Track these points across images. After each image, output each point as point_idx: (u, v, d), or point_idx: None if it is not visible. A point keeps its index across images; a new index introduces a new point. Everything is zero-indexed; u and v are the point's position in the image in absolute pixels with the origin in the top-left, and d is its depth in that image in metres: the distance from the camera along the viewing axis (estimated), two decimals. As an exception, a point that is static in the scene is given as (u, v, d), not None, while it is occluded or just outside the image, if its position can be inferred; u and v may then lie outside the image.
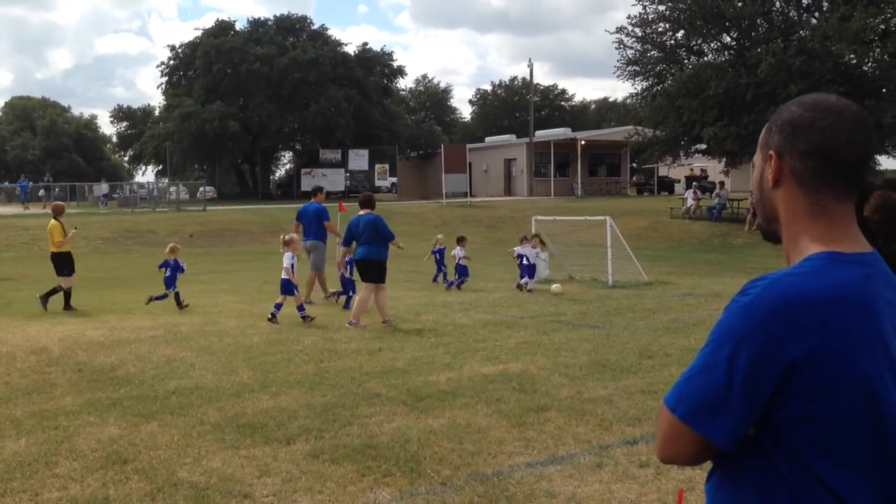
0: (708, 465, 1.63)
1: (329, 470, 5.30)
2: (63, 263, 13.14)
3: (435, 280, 16.60)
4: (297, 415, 6.59)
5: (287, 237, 12.11)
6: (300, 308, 11.58)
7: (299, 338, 10.13)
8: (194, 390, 7.46)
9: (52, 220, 13.31)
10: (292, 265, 11.66)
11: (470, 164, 45.93)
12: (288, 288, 11.57)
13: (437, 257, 16.53)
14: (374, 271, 11.08)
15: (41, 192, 43.44)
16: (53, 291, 13.09)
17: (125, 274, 20.20)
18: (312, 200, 14.73)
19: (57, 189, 44.68)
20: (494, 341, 9.75)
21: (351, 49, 59.36)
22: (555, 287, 14.38)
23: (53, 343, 9.96)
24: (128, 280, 18.57)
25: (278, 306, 11.48)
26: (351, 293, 12.85)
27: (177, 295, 13.11)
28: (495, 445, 5.76)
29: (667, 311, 12.13)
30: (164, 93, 59.79)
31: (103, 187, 44.23)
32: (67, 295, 13.05)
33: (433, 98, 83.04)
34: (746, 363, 1.46)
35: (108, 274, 20.19)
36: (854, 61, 28.62)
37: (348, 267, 12.82)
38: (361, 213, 11.38)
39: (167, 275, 13.20)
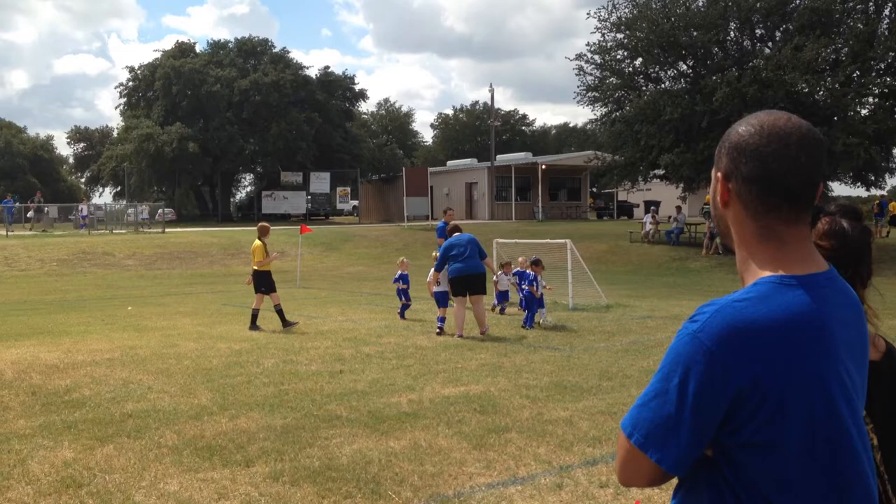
0: (672, 484, 1.65)
1: (289, 492, 5.26)
2: (261, 282, 13.20)
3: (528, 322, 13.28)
4: (257, 437, 6.52)
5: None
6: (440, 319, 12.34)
7: (259, 360, 10.05)
8: (151, 413, 7.36)
9: (256, 241, 13.39)
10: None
11: (431, 187, 46.06)
12: (444, 300, 12.49)
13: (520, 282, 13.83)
14: (480, 284, 11.97)
15: (30, 214, 42.02)
16: (282, 315, 13.05)
17: (81, 296, 19.86)
18: (442, 220, 16.57)
19: (47, 210, 43.48)
20: (456, 363, 9.76)
21: (313, 72, 59.47)
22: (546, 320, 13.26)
23: (6, 366, 9.75)
24: (83, 302, 18.25)
25: (442, 319, 12.30)
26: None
27: (405, 306, 14.36)
28: (456, 466, 5.76)
29: (626, 334, 12.25)
30: (123, 114, 59.24)
31: (83, 208, 43.10)
32: (255, 315, 13.06)
33: (395, 122, 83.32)
34: (695, 391, 1.46)
35: (63, 296, 19.83)
36: (806, 90, 29.35)
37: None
38: (455, 234, 12.48)
39: (403, 286, 14.45)
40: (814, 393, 1.47)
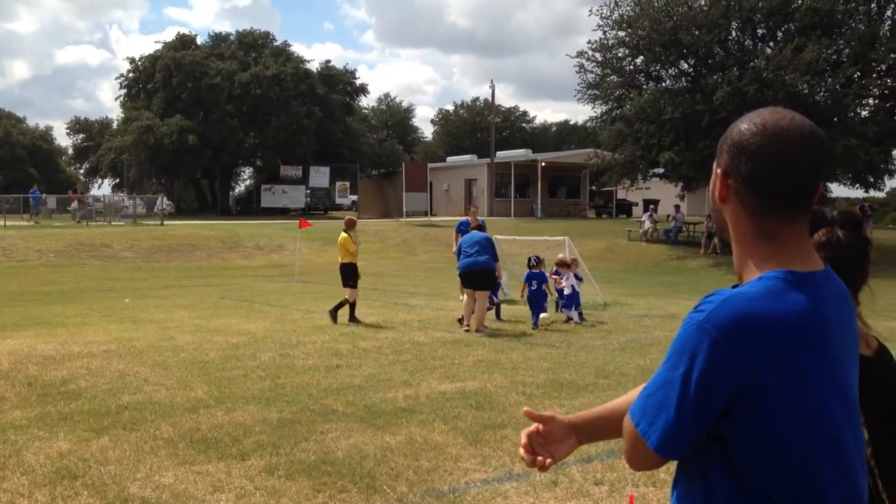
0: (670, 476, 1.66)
1: (284, 486, 5.26)
2: (350, 274, 13.22)
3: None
4: (253, 430, 6.53)
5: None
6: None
7: (256, 353, 10.05)
8: (147, 405, 7.36)
9: (343, 234, 13.50)
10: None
11: (431, 183, 46.03)
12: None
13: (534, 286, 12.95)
14: (485, 279, 12.19)
15: (74, 205, 41.96)
16: (340, 305, 13.03)
17: (78, 287, 19.85)
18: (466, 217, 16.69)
19: (90, 200, 43.53)
20: (452, 359, 9.77)
21: (314, 66, 59.39)
22: (543, 316, 12.94)
23: (2, 356, 9.74)
24: (80, 294, 18.25)
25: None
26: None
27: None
28: (451, 462, 5.77)
29: (623, 332, 12.26)
30: (123, 105, 59.10)
31: (129, 201, 42.99)
32: (352, 306, 13.04)
33: (395, 117, 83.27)
34: (698, 380, 1.47)
35: (60, 287, 19.82)
36: (806, 91, 29.35)
37: None
38: (472, 232, 12.91)
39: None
40: (809, 391, 1.48)
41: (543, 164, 48.20)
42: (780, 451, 1.47)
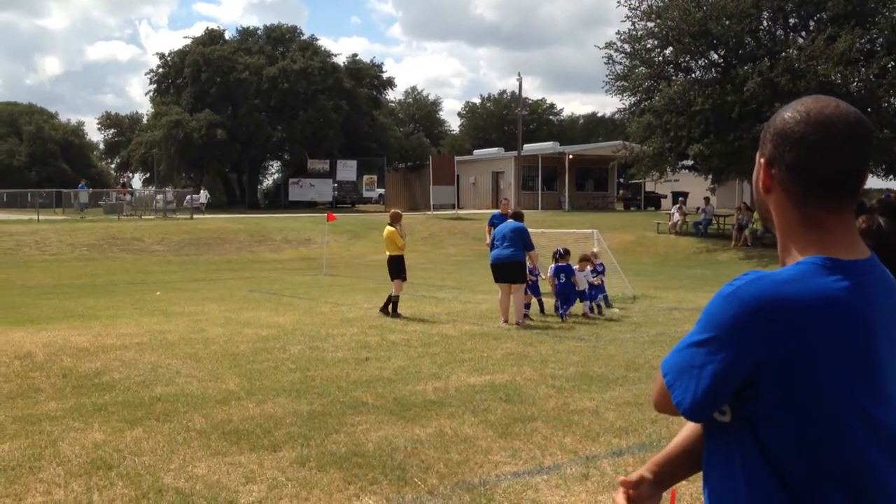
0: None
1: (315, 477, 5.29)
2: (400, 267, 13.32)
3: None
4: (284, 422, 6.57)
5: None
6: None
7: (286, 346, 10.11)
8: (180, 397, 7.43)
9: (389, 227, 13.57)
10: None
11: (458, 176, 46.01)
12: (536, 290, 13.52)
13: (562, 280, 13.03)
14: (513, 272, 12.15)
15: (128, 198, 42.62)
16: (390, 301, 13.10)
17: (110, 280, 20.10)
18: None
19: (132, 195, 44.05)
20: (481, 352, 9.76)
21: (341, 60, 59.56)
22: (613, 312, 13.17)
23: (38, 348, 9.90)
24: (112, 287, 18.47)
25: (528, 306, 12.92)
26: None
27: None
28: (482, 455, 5.76)
29: (653, 325, 12.18)
30: (152, 101, 59.70)
31: (167, 195, 43.49)
32: (396, 301, 13.13)
33: (422, 110, 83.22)
34: (717, 351, 1.49)
35: (93, 280, 20.08)
36: (839, 81, 28.91)
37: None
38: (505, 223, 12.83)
39: (532, 279, 13.48)
40: (834, 377, 1.46)
41: (571, 156, 47.96)
42: (804, 433, 1.47)
